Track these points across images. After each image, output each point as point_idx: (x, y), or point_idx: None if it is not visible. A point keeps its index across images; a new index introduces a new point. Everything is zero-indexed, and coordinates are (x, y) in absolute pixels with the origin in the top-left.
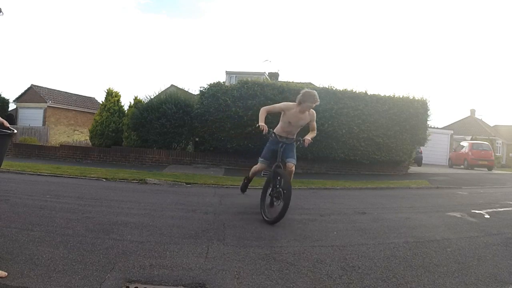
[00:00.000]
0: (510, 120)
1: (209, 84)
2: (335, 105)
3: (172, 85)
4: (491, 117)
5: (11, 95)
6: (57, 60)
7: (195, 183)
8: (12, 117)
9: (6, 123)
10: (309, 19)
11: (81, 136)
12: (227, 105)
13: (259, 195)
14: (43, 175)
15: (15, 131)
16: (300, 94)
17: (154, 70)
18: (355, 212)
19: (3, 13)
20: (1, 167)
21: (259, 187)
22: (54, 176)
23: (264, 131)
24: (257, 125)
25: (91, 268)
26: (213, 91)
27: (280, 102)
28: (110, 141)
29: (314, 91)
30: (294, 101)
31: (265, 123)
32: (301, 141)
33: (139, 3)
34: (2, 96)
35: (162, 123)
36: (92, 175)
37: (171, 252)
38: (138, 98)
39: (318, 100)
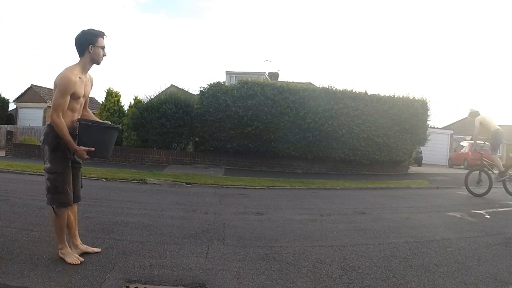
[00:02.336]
0: (510, 120)
1: (209, 84)
2: (335, 105)
3: (172, 85)
4: (491, 117)
5: (11, 95)
6: (57, 60)
7: (195, 183)
8: (12, 117)
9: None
10: (309, 19)
11: None
12: (227, 105)
13: (258, 195)
14: (43, 175)
15: (120, 127)
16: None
17: (154, 70)
18: (355, 212)
19: None
20: (3, 167)
21: (259, 187)
22: None
23: None
24: None
25: (91, 268)
26: (213, 91)
27: (280, 102)
28: None
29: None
30: (294, 101)
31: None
32: None
33: (138, 3)
34: (2, 96)
35: (162, 123)
36: (92, 175)
37: (171, 252)
38: (138, 98)
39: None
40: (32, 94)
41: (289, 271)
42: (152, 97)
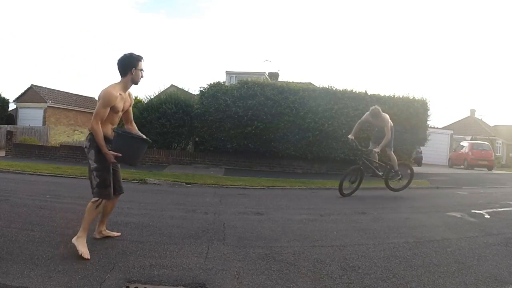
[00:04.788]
0: (510, 120)
1: (209, 84)
2: (335, 105)
3: (172, 85)
4: (491, 117)
5: (11, 95)
6: (57, 60)
7: (195, 183)
8: (12, 117)
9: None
10: (309, 19)
11: (81, 136)
12: (227, 105)
13: (258, 195)
14: (43, 175)
15: (149, 140)
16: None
17: (154, 70)
18: (355, 212)
19: None
20: (3, 167)
21: (259, 187)
22: (54, 176)
23: None
24: None
25: (91, 268)
26: (213, 91)
27: (280, 102)
28: None
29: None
30: (294, 101)
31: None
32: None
33: (137, 3)
34: (2, 96)
35: (162, 123)
36: None
37: (171, 252)
38: (138, 98)
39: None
40: (32, 94)
41: (289, 271)
42: (152, 97)
